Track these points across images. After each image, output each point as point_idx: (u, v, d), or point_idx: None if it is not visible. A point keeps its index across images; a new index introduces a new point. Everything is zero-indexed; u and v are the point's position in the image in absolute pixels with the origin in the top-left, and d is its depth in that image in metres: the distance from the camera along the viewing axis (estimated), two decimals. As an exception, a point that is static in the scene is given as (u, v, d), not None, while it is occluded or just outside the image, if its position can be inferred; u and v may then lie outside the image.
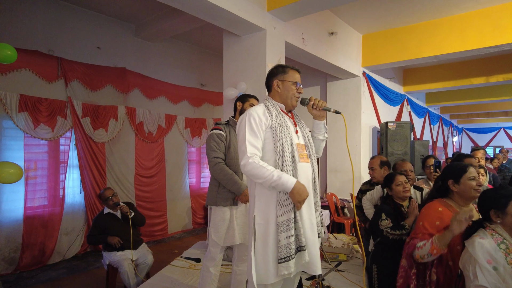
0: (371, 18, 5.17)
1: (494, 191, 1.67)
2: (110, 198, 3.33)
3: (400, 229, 2.34)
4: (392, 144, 5.59)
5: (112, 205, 3.33)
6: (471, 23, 4.84)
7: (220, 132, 2.51)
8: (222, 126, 2.57)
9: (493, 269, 1.46)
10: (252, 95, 2.69)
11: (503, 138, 15.40)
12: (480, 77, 6.87)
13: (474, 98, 8.96)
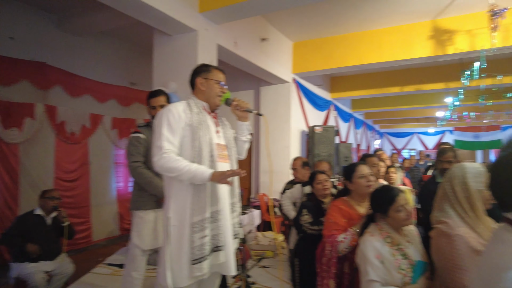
0: (301, 27, 5.47)
1: (380, 195, 1.84)
2: (53, 198, 3.04)
3: (318, 225, 2.45)
4: (318, 147, 5.96)
5: (50, 207, 3.03)
6: (386, 38, 5.38)
7: (138, 136, 2.48)
8: (142, 128, 2.55)
9: (380, 263, 1.62)
10: (162, 91, 2.69)
11: (417, 142, 17.30)
12: (396, 87, 7.65)
13: (392, 106, 9.94)
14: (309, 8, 4.70)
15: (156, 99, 2.61)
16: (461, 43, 4.79)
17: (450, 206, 1.58)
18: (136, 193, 2.47)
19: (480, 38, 4.60)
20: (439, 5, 4.50)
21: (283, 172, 5.73)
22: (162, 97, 2.63)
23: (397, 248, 1.68)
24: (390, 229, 1.74)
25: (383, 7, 4.61)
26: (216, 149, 1.82)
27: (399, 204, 1.71)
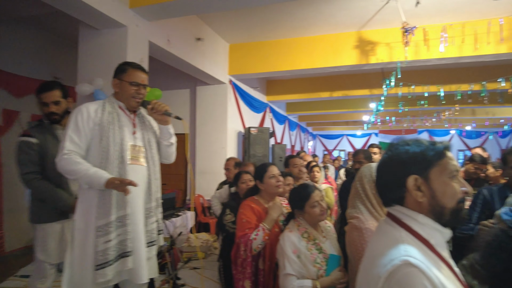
0: (237, 30, 5.54)
1: (297, 192, 1.96)
2: None
3: None
4: (254, 147, 6.09)
5: None
6: (318, 45, 5.70)
7: (28, 140, 2.09)
8: (34, 130, 2.14)
9: (297, 257, 1.74)
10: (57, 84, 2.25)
11: (346, 143, 18.58)
12: (326, 92, 8.13)
13: (323, 109, 10.54)
14: (244, 11, 4.80)
15: (48, 94, 2.13)
16: (381, 54, 5.28)
17: (361, 202, 1.74)
18: (36, 204, 2.16)
19: (396, 50, 5.11)
20: (363, 18, 4.90)
21: (220, 173, 5.76)
22: (56, 92, 2.15)
23: (313, 243, 1.81)
24: (308, 225, 1.87)
25: (314, 15, 4.88)
26: (129, 150, 1.75)
27: (314, 200, 1.85)
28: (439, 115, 11.27)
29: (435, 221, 0.96)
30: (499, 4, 3.50)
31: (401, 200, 1.00)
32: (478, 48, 4.72)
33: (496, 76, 6.38)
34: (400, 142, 1.04)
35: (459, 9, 4.43)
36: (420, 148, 0.99)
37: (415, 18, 4.46)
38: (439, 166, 0.97)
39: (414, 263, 0.84)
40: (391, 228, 1.00)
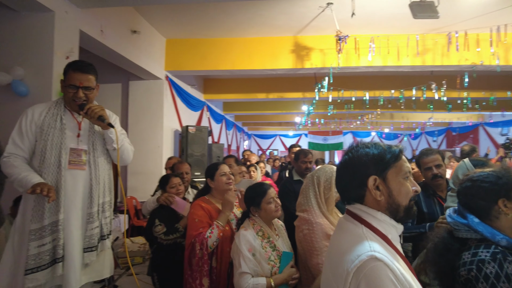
0: (175, 25, 5.36)
1: (253, 190, 2.01)
2: None
3: (174, 233, 2.37)
4: (191, 147, 5.97)
5: None
6: (256, 47, 5.79)
7: None
8: None
9: (252, 256, 1.77)
10: None
11: (279, 143, 19.25)
12: (262, 93, 8.31)
13: (259, 110, 10.78)
14: (183, 7, 4.66)
15: None
16: (316, 59, 5.57)
17: (313, 196, 1.86)
18: None
19: (329, 57, 5.44)
20: (300, 23, 5.11)
21: (155, 172, 5.52)
22: None
23: (267, 241, 1.86)
24: (262, 223, 1.91)
25: (254, 17, 4.95)
26: (68, 154, 1.71)
27: (270, 196, 1.91)
28: (363, 118, 12.30)
29: (391, 218, 1.05)
30: (416, 22, 3.94)
31: (361, 198, 1.07)
32: (399, 59, 5.26)
33: (412, 85, 7.18)
34: (360, 145, 1.11)
35: (385, 23, 4.89)
36: (379, 150, 1.07)
37: (347, 28, 4.79)
38: (395, 168, 1.06)
39: (379, 258, 0.91)
40: (352, 225, 1.06)
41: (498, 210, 1.29)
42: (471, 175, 1.41)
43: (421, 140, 18.48)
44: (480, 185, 1.34)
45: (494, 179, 1.33)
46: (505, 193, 1.30)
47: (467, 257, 1.26)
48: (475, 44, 5.09)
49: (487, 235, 1.26)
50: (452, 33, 5.03)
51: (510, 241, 1.24)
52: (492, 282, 1.16)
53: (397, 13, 4.45)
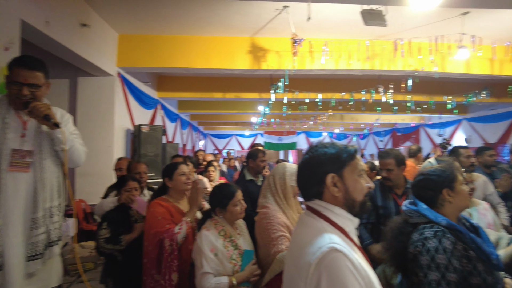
0: (129, 20, 5.15)
1: (220, 191, 2.01)
2: None
3: (114, 243, 2.23)
4: (145, 146, 5.78)
5: None
6: (213, 46, 5.75)
7: None
8: None
9: (214, 255, 1.79)
10: None
11: (235, 143, 19.28)
12: (219, 92, 8.27)
13: (215, 109, 10.71)
14: (136, 1, 4.50)
15: None
16: (272, 61, 5.67)
17: (271, 195, 1.93)
18: None
19: (285, 59, 5.57)
20: (257, 24, 5.17)
21: (105, 174, 5.25)
22: None
23: (229, 240, 1.87)
24: (225, 223, 1.92)
25: (211, 16, 4.91)
26: (10, 155, 1.60)
27: (238, 199, 1.93)
28: (316, 119, 12.74)
29: (348, 212, 1.13)
30: (366, 28, 4.18)
31: (320, 195, 1.14)
32: (350, 63, 5.53)
33: (361, 88, 7.59)
34: (318, 144, 1.19)
35: (338, 28, 5.11)
36: (336, 150, 1.15)
37: (303, 31, 4.94)
38: (351, 166, 1.14)
39: (339, 249, 0.98)
40: (313, 220, 1.12)
41: (443, 198, 1.54)
42: (422, 170, 1.68)
43: (369, 140, 19.56)
44: (428, 178, 1.61)
45: (440, 173, 1.59)
46: (448, 184, 1.56)
47: (415, 237, 1.50)
48: (418, 51, 5.52)
49: (431, 217, 1.51)
50: (398, 41, 5.41)
51: (449, 222, 1.48)
52: (432, 254, 1.39)
53: (349, 19, 4.67)
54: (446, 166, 1.62)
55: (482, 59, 5.74)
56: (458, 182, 1.57)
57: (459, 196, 1.55)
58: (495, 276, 1.42)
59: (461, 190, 1.56)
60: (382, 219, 2.48)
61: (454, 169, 1.60)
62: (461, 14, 4.51)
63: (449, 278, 1.34)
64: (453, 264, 1.36)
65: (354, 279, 0.95)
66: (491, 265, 1.41)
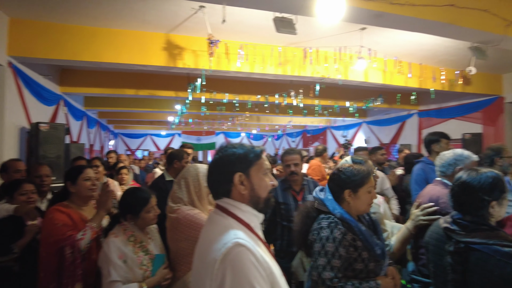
0: (23, 3, 4.53)
1: (133, 196, 1.92)
2: None
3: (4, 254, 2.00)
4: (44, 147, 5.16)
5: None
6: (124, 40, 5.40)
7: None
8: None
9: (123, 263, 1.71)
10: None
11: (150, 143, 18.44)
12: (132, 89, 7.83)
13: (128, 107, 10.09)
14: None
15: None
16: (188, 59, 5.58)
17: (187, 196, 1.90)
18: None
19: (202, 59, 5.54)
20: (173, 21, 5.03)
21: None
22: None
23: (139, 246, 1.80)
24: (135, 228, 1.84)
25: (123, 8, 4.63)
26: None
27: (151, 205, 1.85)
28: (234, 120, 12.96)
29: (254, 208, 1.21)
30: (279, 35, 4.40)
31: (228, 193, 1.20)
32: (264, 68, 5.77)
33: (275, 92, 7.97)
34: (228, 145, 1.24)
35: (252, 32, 5.28)
36: (244, 150, 1.21)
37: (219, 32, 4.98)
38: (257, 165, 1.22)
39: (242, 243, 1.04)
40: (220, 217, 1.17)
41: (344, 197, 1.72)
42: (340, 166, 1.84)
43: (283, 140, 20.64)
44: (339, 175, 1.76)
45: (350, 174, 1.75)
46: (353, 186, 1.71)
47: (314, 226, 1.70)
48: (324, 60, 6.03)
49: (329, 208, 1.70)
50: (307, 49, 5.83)
51: (343, 215, 1.66)
52: (323, 242, 1.60)
53: (264, 25, 4.87)
54: (361, 170, 1.76)
55: (376, 70, 6.54)
56: (365, 188, 1.71)
57: (359, 200, 1.70)
58: (379, 264, 1.67)
59: (363, 196, 1.71)
60: (284, 215, 2.68)
61: (366, 174, 1.75)
62: (360, 29, 5.08)
63: (334, 264, 1.55)
64: (339, 252, 1.57)
65: (257, 272, 1.01)
66: (374, 254, 1.65)
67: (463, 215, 1.57)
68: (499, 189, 1.53)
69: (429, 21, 3.90)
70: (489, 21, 4.19)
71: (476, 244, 1.45)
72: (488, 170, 1.59)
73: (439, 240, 1.66)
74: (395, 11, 3.70)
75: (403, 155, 5.16)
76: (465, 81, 7.46)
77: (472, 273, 1.45)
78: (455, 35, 4.45)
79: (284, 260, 2.69)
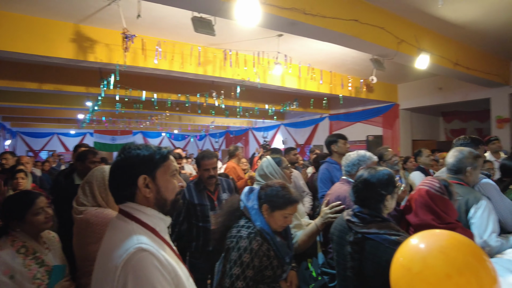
0: None
1: (13, 200, 1.74)
2: None
3: None
4: None
5: None
6: (24, 27, 4.79)
7: None
8: None
9: (9, 279, 1.52)
10: None
11: (57, 143, 16.63)
12: (34, 82, 6.97)
13: (29, 102, 8.96)
14: None
15: None
16: (101, 53, 5.20)
17: (93, 200, 1.80)
18: None
19: (116, 53, 5.21)
20: (83, 11, 4.64)
21: None
22: None
23: (32, 257, 1.62)
24: (26, 238, 1.65)
25: (21, -9, 4.12)
26: None
27: (38, 206, 1.67)
28: (152, 119, 12.45)
29: (160, 212, 1.18)
30: (199, 34, 4.38)
31: (132, 197, 1.15)
32: (183, 67, 5.67)
33: (196, 91, 7.90)
34: (132, 146, 1.19)
35: (171, 30, 5.16)
36: (149, 152, 1.18)
37: (135, 27, 4.76)
38: (163, 167, 1.19)
39: (145, 248, 1.01)
40: (123, 223, 1.12)
41: (262, 211, 1.79)
42: (272, 183, 1.92)
43: (206, 141, 20.52)
44: (266, 189, 1.83)
45: (273, 193, 1.84)
46: (271, 206, 1.78)
47: (233, 231, 1.72)
48: (244, 63, 6.19)
49: (252, 218, 1.74)
50: (227, 51, 5.91)
51: (263, 228, 1.72)
52: (240, 252, 1.64)
53: (183, 23, 4.79)
54: (289, 195, 1.81)
55: (292, 75, 6.94)
56: (283, 212, 1.77)
57: (272, 219, 1.76)
58: (284, 269, 1.83)
59: (278, 218, 1.77)
60: (200, 216, 2.68)
61: (290, 200, 1.79)
62: (277, 35, 5.34)
63: (247, 274, 1.63)
64: (254, 262, 1.66)
65: (161, 275, 1.00)
66: (284, 262, 1.79)
67: (362, 209, 1.76)
68: (393, 184, 1.76)
69: (337, 32, 4.29)
70: (385, 38, 4.78)
71: (370, 234, 1.65)
72: (383, 168, 1.81)
73: (341, 231, 1.82)
74: (308, 21, 3.99)
75: (313, 155, 5.58)
76: (368, 89, 8.37)
77: (366, 260, 1.64)
78: (358, 47, 4.96)
79: (199, 260, 2.70)
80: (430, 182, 1.98)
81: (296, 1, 3.86)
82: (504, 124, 7.34)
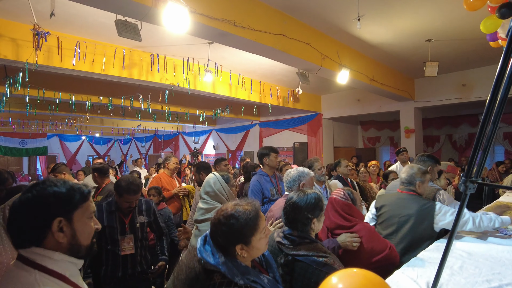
0: None
1: None
2: None
3: None
4: None
5: None
6: None
7: None
8: None
9: None
10: None
11: None
12: None
13: None
14: None
15: None
16: (5, 49, 4.57)
17: None
18: None
19: (26, 50, 4.63)
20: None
21: None
22: None
23: None
24: None
25: None
26: None
27: None
28: (70, 122, 11.38)
29: (71, 256, 1.02)
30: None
31: (39, 241, 0.98)
32: (105, 69, 5.28)
33: (121, 94, 7.43)
34: (47, 182, 1.02)
35: (92, 29, 4.76)
36: (67, 189, 1.02)
37: (49, 24, 4.29)
38: (82, 208, 1.04)
39: None
40: (23, 273, 0.95)
41: (236, 252, 1.34)
42: (220, 213, 1.39)
43: (131, 145, 19.41)
44: (227, 225, 1.32)
45: (241, 219, 1.34)
46: (243, 239, 1.32)
47: None
48: (173, 68, 6.00)
49: (228, 276, 1.27)
50: (155, 55, 5.67)
51: (247, 282, 1.29)
52: None
53: (106, 23, 4.47)
54: (251, 211, 1.37)
55: (223, 83, 6.94)
56: (258, 233, 1.36)
57: (253, 250, 1.36)
58: None
59: (257, 243, 1.36)
60: (108, 239, 2.48)
61: (256, 217, 1.38)
62: (208, 42, 5.28)
63: None
64: None
65: None
66: None
67: (292, 230, 1.78)
68: (319, 208, 1.82)
69: (266, 46, 4.40)
70: (310, 53, 5.05)
71: (300, 256, 1.67)
72: (312, 192, 1.87)
73: (273, 253, 1.79)
74: (238, 32, 4.02)
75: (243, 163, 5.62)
76: (294, 99, 8.77)
77: (296, 281, 1.66)
78: (285, 61, 5.16)
79: (109, 286, 2.50)
80: (337, 192, 2.30)
81: (226, 12, 3.86)
82: (410, 134, 8.30)
